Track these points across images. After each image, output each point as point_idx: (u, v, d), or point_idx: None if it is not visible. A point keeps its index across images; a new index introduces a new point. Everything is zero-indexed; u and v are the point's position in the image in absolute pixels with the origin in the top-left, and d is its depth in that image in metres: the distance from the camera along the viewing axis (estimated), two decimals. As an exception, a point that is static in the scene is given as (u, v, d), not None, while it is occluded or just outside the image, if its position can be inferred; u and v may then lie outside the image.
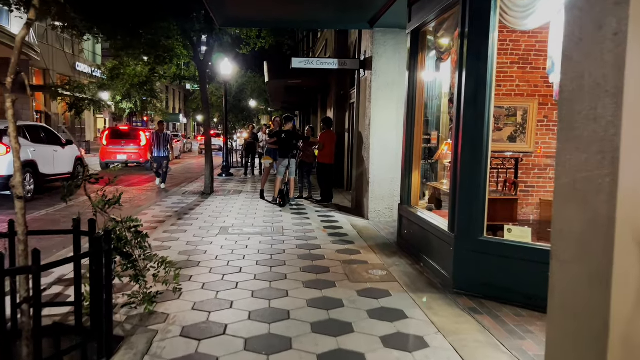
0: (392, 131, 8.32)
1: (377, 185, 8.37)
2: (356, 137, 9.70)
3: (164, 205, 9.84)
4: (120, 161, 18.76)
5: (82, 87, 29.46)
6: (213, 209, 9.49)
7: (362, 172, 8.95)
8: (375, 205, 8.39)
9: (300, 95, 18.27)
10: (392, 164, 8.35)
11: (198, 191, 12.05)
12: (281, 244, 6.57)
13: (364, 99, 9.06)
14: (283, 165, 10.21)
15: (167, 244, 6.44)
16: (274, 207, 9.78)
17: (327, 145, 10.42)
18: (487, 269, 4.46)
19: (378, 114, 8.30)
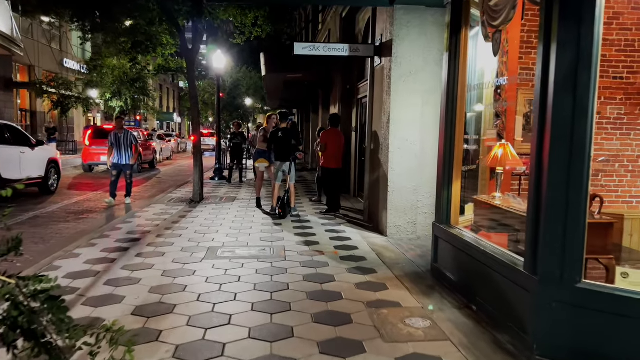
0: (415, 130, 6.91)
1: (398, 195, 6.95)
2: (370, 138, 8.27)
3: (143, 218, 8.39)
4: (104, 163, 17.25)
5: (68, 84, 28.00)
6: (201, 221, 8.04)
7: (378, 178, 7.53)
8: (395, 218, 6.97)
9: (300, 92, 16.83)
10: (415, 170, 6.94)
11: (186, 198, 10.60)
12: (283, 273, 5.14)
13: (380, 92, 7.64)
14: (281, 170, 8.79)
15: (137, 275, 4.99)
16: (272, 219, 8.35)
17: (331, 146, 8.98)
18: (589, 330, 3.05)
19: (399, 110, 6.88)
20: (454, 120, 4.97)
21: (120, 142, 10.10)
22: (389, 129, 6.94)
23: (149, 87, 36.43)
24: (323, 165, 9.08)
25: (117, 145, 10.10)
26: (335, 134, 9.09)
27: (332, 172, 9.07)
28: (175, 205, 9.83)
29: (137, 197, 11.55)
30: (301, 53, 7.65)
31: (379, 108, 7.68)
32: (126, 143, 10.12)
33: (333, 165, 9.06)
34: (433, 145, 6.79)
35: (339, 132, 9.31)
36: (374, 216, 7.79)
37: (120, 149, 10.09)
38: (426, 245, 6.52)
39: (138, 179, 15.60)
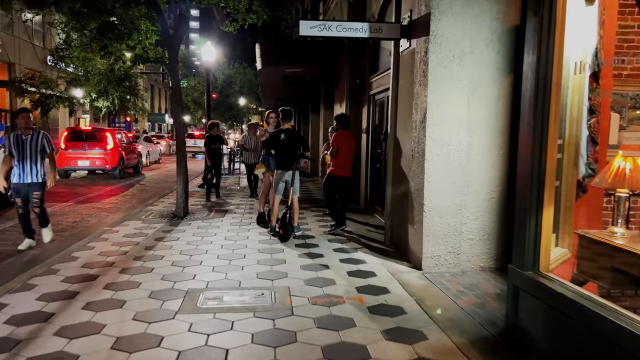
0: (459, 131, 5.31)
1: (436, 216, 5.33)
2: (392, 141, 6.66)
3: (110, 241, 6.72)
4: (82, 168, 15.55)
5: (49, 83, 26.22)
6: (182, 246, 6.39)
7: (407, 193, 5.91)
8: (432, 247, 5.36)
9: (299, 89, 15.20)
10: (459, 183, 5.33)
11: (167, 213, 8.94)
12: (292, 342, 3.51)
13: (409, 83, 6.03)
14: (283, 180, 7.16)
15: (75, 348, 3.35)
16: (272, 242, 6.72)
17: (343, 152, 7.36)
18: None
19: (438, 105, 5.27)
20: (545, 118, 3.35)
21: (24, 148, 6.28)
22: (424, 129, 5.32)
23: (138, 87, 34.76)
24: (332, 173, 7.44)
25: (20, 154, 6.27)
26: (347, 137, 7.47)
27: (342, 182, 7.45)
28: (154, 221, 8.16)
29: (112, 210, 9.86)
30: (308, 34, 6.01)
31: (407, 103, 6.07)
32: (33, 150, 6.33)
33: (344, 174, 7.44)
34: (482, 151, 5.24)
35: (351, 135, 7.69)
36: (400, 241, 6.17)
37: (25, 160, 6.28)
38: (477, 284, 4.91)
39: (118, 187, 13.92)
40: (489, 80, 5.32)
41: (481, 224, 5.41)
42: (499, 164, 5.40)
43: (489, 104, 5.33)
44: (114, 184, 14.47)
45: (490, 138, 5.36)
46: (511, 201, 5.36)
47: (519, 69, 5.29)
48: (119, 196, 12.12)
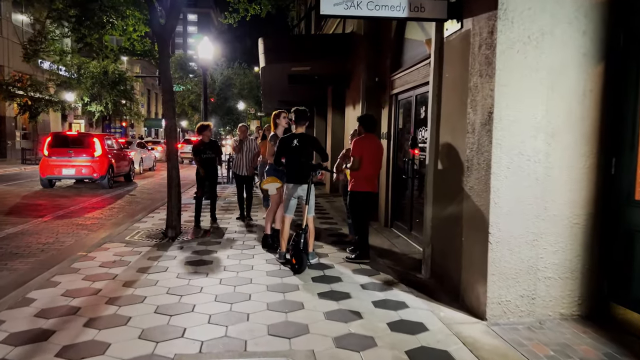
0: (536, 137, 4.02)
1: (506, 249, 4.03)
2: (434, 148, 5.37)
3: (83, 272, 5.40)
4: (66, 176, 14.22)
5: (37, 85, 24.92)
6: (170, 281, 5.07)
7: (459, 216, 4.61)
8: (500, 290, 4.05)
9: (306, 90, 13.92)
10: (535, 206, 4.04)
11: (157, 232, 7.62)
12: None
13: (459, 75, 4.74)
14: (295, 197, 5.86)
15: None
16: (282, 274, 5.41)
17: (367, 162, 6.02)
18: None
19: (510, 102, 3.98)
20: None
21: None
22: (489, 134, 4.02)
23: (134, 91, 33.45)
24: (355, 189, 6.09)
25: None
26: (371, 143, 6.14)
27: (365, 198, 6.10)
28: (140, 243, 6.85)
29: (93, 228, 8.53)
30: (331, 13, 4.72)
31: (457, 101, 4.78)
32: None
33: (367, 188, 6.09)
34: (563, 162, 4.02)
35: (377, 139, 6.38)
36: (447, 274, 4.86)
37: None
38: (568, 344, 3.63)
39: (105, 198, 12.59)
40: (573, 70, 4.04)
41: (562, 258, 4.11)
42: (584, 180, 4.11)
43: (573, 101, 4.05)
44: (102, 195, 13.14)
45: (574, 145, 4.07)
46: (602, 228, 4.07)
47: (612, 55, 4.02)
48: (105, 209, 10.79)
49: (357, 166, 5.94)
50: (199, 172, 8.31)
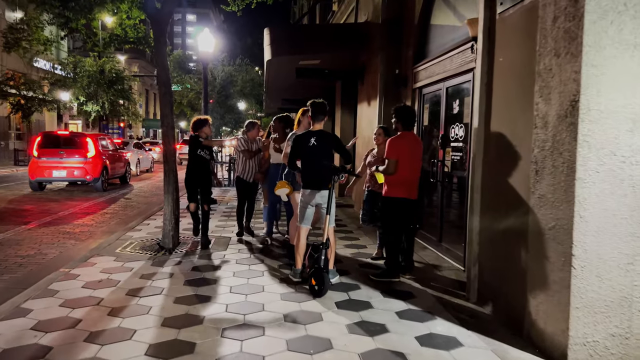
0: (633, 132, 3.14)
1: (594, 275, 3.16)
2: (480, 148, 4.50)
3: (61, 295, 4.52)
4: (57, 179, 13.33)
5: (31, 84, 24.01)
6: (165, 309, 4.20)
7: (522, 231, 3.73)
8: (586, 327, 3.18)
9: (313, 85, 13.02)
10: (631, 220, 3.17)
11: (152, 243, 6.75)
12: None
13: (519, 58, 3.87)
14: (312, 204, 4.99)
15: None
16: (300, 297, 4.53)
17: (404, 164, 5.06)
18: None
19: (602, 87, 3.11)
20: None
21: None
22: (573, 129, 3.15)
23: (132, 90, 32.53)
24: (390, 194, 5.17)
25: None
26: (411, 142, 5.20)
27: (402, 207, 5.18)
28: (132, 257, 5.97)
29: (81, 237, 7.64)
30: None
31: (518, 88, 3.91)
32: None
33: (404, 194, 5.13)
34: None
35: (417, 137, 5.45)
36: (509, 303, 3.98)
37: None
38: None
39: (98, 202, 11.71)
40: (678, 46, 3.16)
41: (663, 285, 3.24)
42: (689, 187, 3.23)
43: (677, 85, 3.18)
44: (94, 199, 12.25)
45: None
46: None
47: None
48: (96, 215, 9.90)
49: (393, 170, 5.03)
50: (190, 175, 6.70)
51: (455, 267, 5.76)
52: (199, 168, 6.66)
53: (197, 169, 6.66)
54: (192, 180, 6.72)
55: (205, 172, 6.73)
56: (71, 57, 29.52)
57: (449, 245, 6.18)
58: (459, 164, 5.96)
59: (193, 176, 6.69)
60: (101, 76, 28.42)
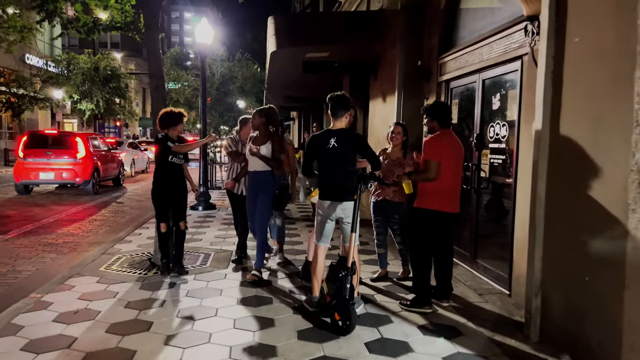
0: None
1: None
2: (544, 148, 3.63)
3: (24, 334, 3.66)
4: (45, 181, 12.44)
5: (22, 81, 23.08)
6: (152, 355, 3.33)
7: (612, 258, 2.87)
8: None
9: (317, 83, 12.15)
10: None
11: (142, 259, 5.89)
12: None
13: (605, 37, 3.00)
14: (332, 218, 4.12)
15: None
16: (320, 335, 3.67)
17: (447, 170, 4.18)
18: None
19: None
20: None
21: None
22: None
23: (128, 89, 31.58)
24: (426, 206, 4.27)
25: None
26: (455, 142, 4.33)
27: (444, 222, 4.28)
28: (118, 277, 5.10)
29: (63, 250, 6.77)
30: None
31: (605, 76, 3.04)
32: None
33: (446, 207, 4.23)
34: None
35: (456, 138, 4.54)
36: (591, 351, 3.11)
37: None
38: None
39: (87, 207, 10.82)
40: None
41: None
42: None
43: None
44: (84, 203, 11.36)
45: None
46: None
47: None
48: (84, 222, 9.02)
49: (434, 175, 4.15)
50: (158, 188, 5.26)
51: (497, 290, 4.90)
52: (170, 178, 5.23)
53: (167, 179, 5.22)
54: (161, 194, 5.24)
55: (178, 181, 5.29)
56: (64, 53, 28.62)
57: (487, 262, 5.32)
58: (500, 169, 5.10)
59: (163, 189, 5.23)
60: (96, 73, 27.51)
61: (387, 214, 5.04)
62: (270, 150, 5.03)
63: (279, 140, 5.11)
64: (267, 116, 5.15)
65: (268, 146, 5.06)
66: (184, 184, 5.39)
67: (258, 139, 5.17)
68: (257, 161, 5.08)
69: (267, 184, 5.11)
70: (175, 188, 5.30)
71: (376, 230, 5.15)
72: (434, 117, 4.31)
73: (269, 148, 5.04)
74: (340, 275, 3.88)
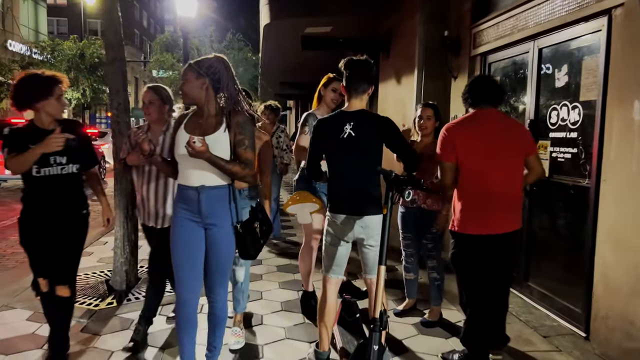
0: None
1: None
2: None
3: None
4: (9, 176, 11.12)
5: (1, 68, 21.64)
6: None
7: None
8: None
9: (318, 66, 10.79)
10: None
11: (97, 282, 4.61)
12: None
13: None
14: (347, 239, 2.83)
15: None
16: None
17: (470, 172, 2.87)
18: None
19: None
20: None
21: None
22: None
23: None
24: (455, 228, 2.97)
25: None
26: (478, 129, 2.92)
27: (480, 247, 2.92)
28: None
29: (9, 264, 5.46)
30: None
31: None
32: None
33: (477, 228, 2.88)
34: None
35: (507, 118, 3.16)
36: None
37: None
38: None
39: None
40: None
41: None
42: None
43: None
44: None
45: None
46: None
47: None
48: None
49: (447, 181, 2.91)
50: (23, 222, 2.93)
51: (565, 329, 3.65)
52: (42, 203, 2.89)
53: (37, 206, 2.90)
54: (29, 232, 2.92)
55: (60, 209, 2.91)
56: (48, 39, 27.20)
57: (544, 287, 4.06)
58: (567, 166, 3.82)
59: (30, 223, 2.92)
60: (81, 60, 26.13)
61: (420, 228, 3.74)
62: (228, 144, 2.56)
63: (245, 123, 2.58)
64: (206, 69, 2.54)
65: (223, 135, 2.55)
66: (73, 213, 2.97)
67: (198, 122, 2.62)
68: (197, 166, 2.53)
69: (221, 213, 2.61)
70: (53, 221, 2.88)
71: (405, 251, 3.85)
72: (465, 95, 3.02)
73: (225, 139, 2.55)
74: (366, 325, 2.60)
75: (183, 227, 2.62)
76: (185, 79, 2.57)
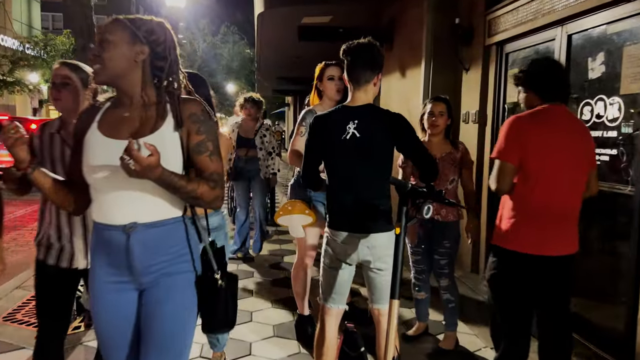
0: None
1: None
2: None
3: None
4: (-7, 177, 10.54)
5: (-11, 64, 21.11)
6: None
7: None
8: None
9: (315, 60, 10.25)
10: None
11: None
12: None
13: None
14: (350, 261, 2.33)
15: None
16: None
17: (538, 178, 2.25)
18: None
19: None
20: None
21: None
22: None
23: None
24: (495, 241, 2.41)
25: None
26: (554, 127, 2.30)
27: (535, 270, 2.30)
28: (17, 336, 3.31)
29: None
30: None
31: None
32: None
33: (534, 247, 2.26)
34: None
35: (577, 120, 2.57)
36: None
37: None
38: None
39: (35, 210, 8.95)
40: None
41: None
42: None
43: None
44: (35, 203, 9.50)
45: None
46: None
47: None
48: (23, 231, 7.22)
49: (502, 185, 2.29)
50: None
51: (602, 358, 3.13)
52: None
53: None
54: None
55: None
56: (40, 34, 26.61)
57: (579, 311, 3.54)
58: (605, 170, 3.29)
59: None
60: (74, 55, 25.55)
61: (432, 241, 3.22)
62: (179, 150, 1.60)
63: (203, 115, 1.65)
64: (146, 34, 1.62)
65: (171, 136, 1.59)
66: None
67: (122, 116, 1.63)
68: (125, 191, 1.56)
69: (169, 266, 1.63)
70: None
71: (415, 267, 3.33)
72: (530, 84, 2.44)
73: (174, 141, 1.59)
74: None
75: (104, 299, 1.64)
76: (108, 41, 1.54)
